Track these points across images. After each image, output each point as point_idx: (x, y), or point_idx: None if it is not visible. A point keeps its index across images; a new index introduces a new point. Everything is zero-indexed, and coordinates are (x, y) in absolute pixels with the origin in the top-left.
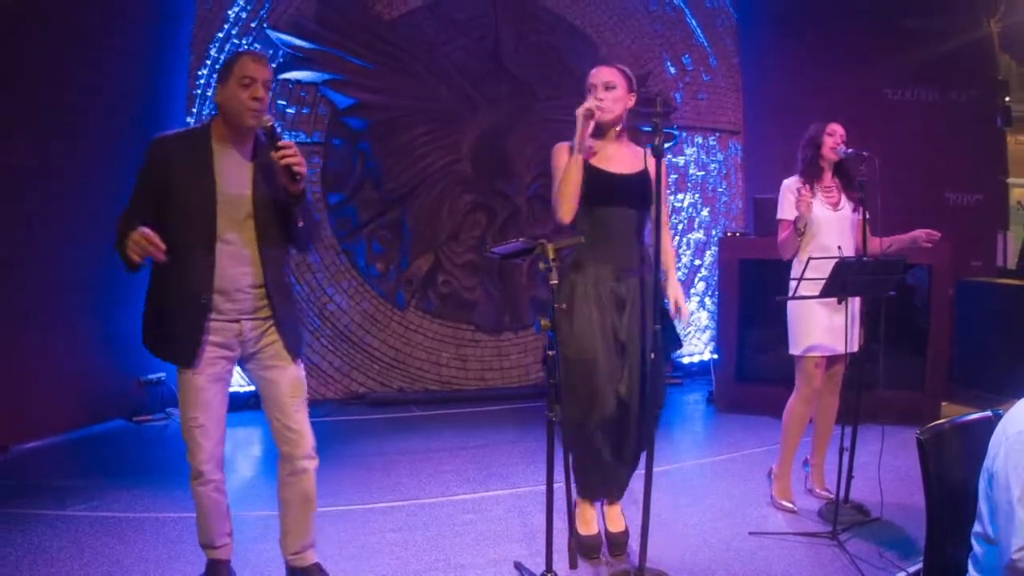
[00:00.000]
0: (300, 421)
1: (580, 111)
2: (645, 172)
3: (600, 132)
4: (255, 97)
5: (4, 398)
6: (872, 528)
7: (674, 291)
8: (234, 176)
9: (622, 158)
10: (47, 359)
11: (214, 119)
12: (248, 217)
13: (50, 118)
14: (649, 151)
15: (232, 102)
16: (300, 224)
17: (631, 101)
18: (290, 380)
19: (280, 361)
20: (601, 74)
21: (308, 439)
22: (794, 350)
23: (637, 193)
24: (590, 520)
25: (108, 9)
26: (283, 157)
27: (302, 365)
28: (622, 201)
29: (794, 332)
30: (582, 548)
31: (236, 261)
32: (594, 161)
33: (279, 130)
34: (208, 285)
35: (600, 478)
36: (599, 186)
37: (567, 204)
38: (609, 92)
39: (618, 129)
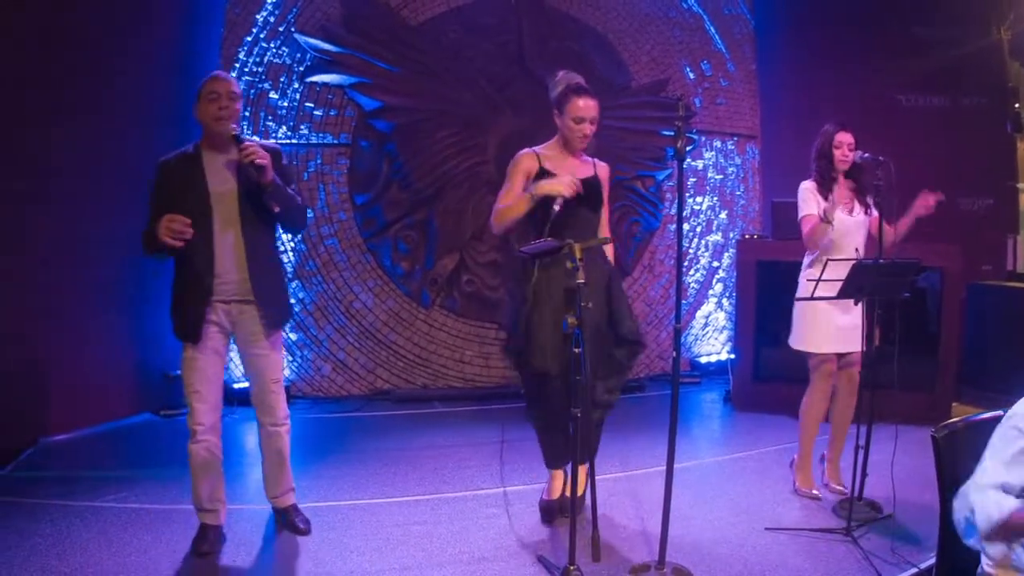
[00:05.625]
0: (275, 392)
1: (567, 191)
2: (596, 178)
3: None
4: (220, 107)
5: (35, 392)
6: (885, 524)
7: None
8: (222, 176)
9: (580, 170)
10: (77, 354)
11: (203, 135)
12: (236, 210)
13: (84, 120)
14: (597, 161)
15: (203, 115)
16: (276, 210)
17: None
18: (266, 361)
19: (258, 342)
20: (592, 109)
21: (279, 411)
22: (804, 346)
23: (591, 197)
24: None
25: (139, 13)
26: (246, 156)
27: (281, 345)
28: (583, 205)
29: (805, 331)
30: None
31: (229, 248)
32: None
33: (241, 134)
34: (209, 269)
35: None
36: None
37: (502, 226)
38: (593, 125)
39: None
